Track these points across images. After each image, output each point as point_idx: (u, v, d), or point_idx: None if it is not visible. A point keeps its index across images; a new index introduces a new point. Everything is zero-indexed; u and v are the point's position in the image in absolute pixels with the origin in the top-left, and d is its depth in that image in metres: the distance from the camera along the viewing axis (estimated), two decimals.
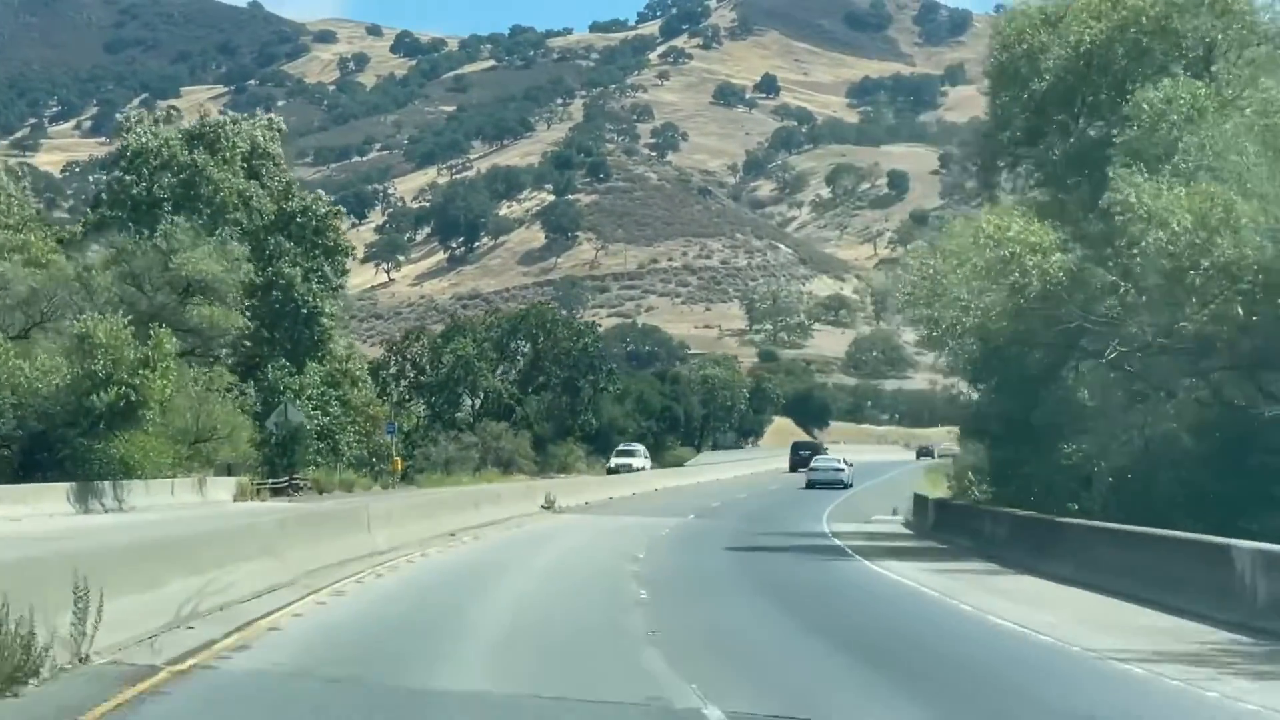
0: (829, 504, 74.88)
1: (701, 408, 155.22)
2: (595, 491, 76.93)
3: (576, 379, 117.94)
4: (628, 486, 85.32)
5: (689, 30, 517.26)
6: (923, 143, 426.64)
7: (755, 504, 75.94)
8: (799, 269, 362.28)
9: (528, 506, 62.16)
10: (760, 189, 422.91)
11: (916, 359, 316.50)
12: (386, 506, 43.26)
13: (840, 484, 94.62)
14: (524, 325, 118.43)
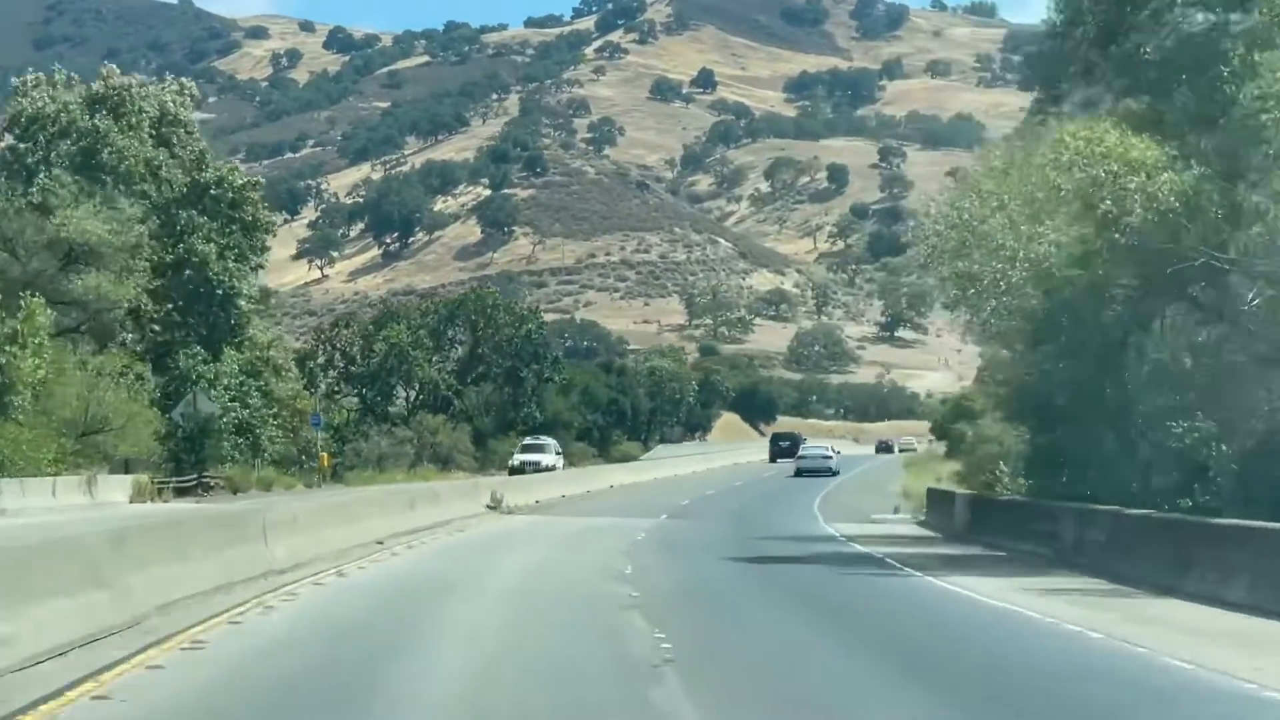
0: (812, 499, 65.32)
1: (649, 401, 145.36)
2: (545, 488, 66.93)
3: (519, 369, 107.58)
4: (579, 483, 75.40)
5: (625, 25, 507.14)
6: (862, 136, 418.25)
7: (731, 501, 66.34)
8: (739, 263, 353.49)
9: (471, 506, 52.16)
10: (698, 183, 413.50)
11: (858, 353, 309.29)
12: (291, 510, 32.88)
13: (829, 471, 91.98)
14: (462, 311, 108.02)
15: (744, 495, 72.63)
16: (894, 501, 61.59)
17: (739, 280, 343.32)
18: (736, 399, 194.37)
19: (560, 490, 68.56)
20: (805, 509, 58.35)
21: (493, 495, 54.83)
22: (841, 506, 60.41)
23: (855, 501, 64.22)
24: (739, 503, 64.63)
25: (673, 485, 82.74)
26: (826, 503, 63.49)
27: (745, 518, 52.88)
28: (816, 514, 54.93)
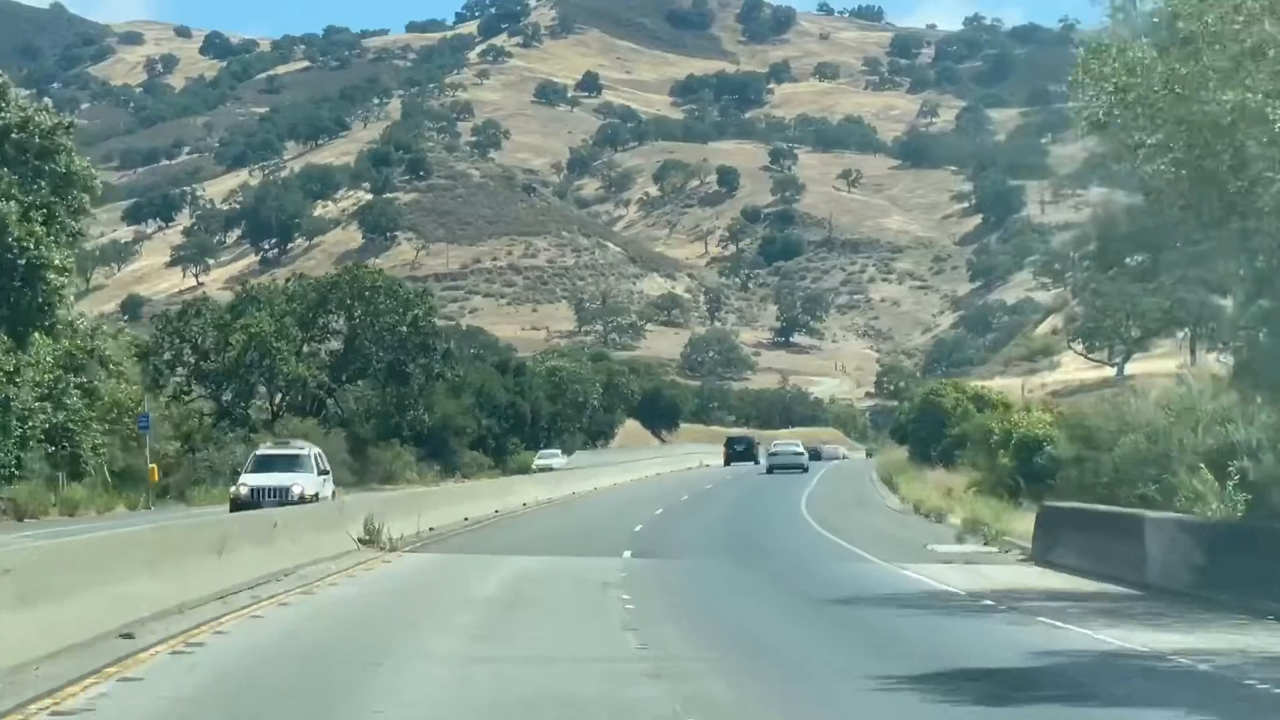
0: (813, 521, 47.30)
1: (550, 404, 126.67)
2: (440, 509, 48.04)
3: (404, 363, 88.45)
4: (482, 501, 56.49)
5: (508, 29, 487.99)
6: (752, 139, 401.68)
7: (709, 522, 48.30)
8: (629, 268, 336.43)
9: (333, 542, 33.57)
10: (586, 187, 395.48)
11: (754, 359, 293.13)
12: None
13: (800, 467, 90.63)
14: (336, 295, 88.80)
15: (719, 513, 54.94)
16: (901, 518, 43.84)
17: (629, 285, 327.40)
18: (638, 405, 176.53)
19: (460, 510, 49.94)
20: (821, 536, 40.37)
21: (367, 524, 36.15)
22: (867, 532, 42.75)
23: (869, 522, 46.40)
24: (726, 528, 46.61)
25: (612, 501, 65.58)
26: (840, 527, 45.41)
27: (759, 556, 34.76)
28: (857, 550, 37.05)
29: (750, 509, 58.09)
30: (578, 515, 55.80)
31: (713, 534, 43.95)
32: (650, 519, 50.82)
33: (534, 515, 56.12)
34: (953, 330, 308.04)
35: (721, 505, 61.56)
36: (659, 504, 60.06)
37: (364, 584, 28.44)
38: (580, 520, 52.35)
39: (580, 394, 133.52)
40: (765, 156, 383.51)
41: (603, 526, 47.56)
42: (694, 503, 63.38)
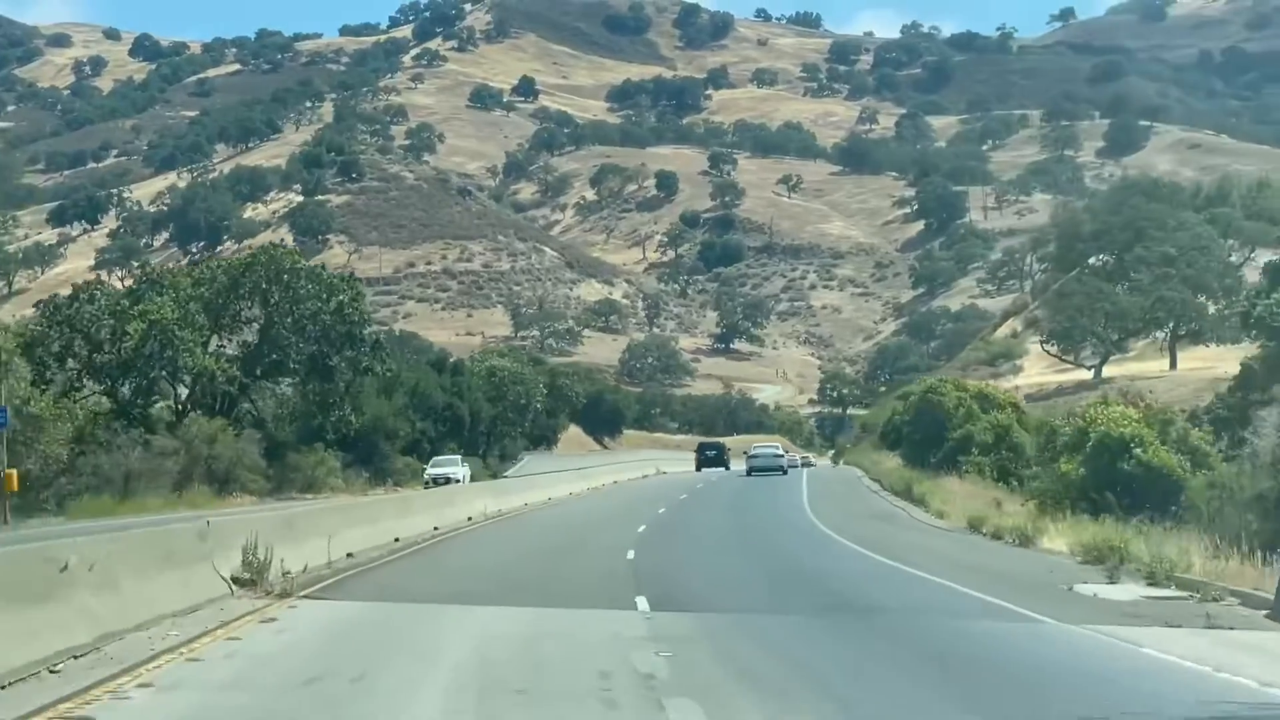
0: (856, 541, 35.49)
1: (490, 407, 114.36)
2: (363, 527, 35.71)
3: (327, 355, 75.82)
4: (420, 516, 44.19)
5: (443, 33, 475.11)
6: (690, 144, 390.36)
7: (726, 540, 36.56)
8: (566, 273, 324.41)
9: (178, 590, 20.76)
10: (522, 192, 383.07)
11: (693, 365, 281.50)
12: None
13: (780, 469, 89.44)
14: (250, 278, 76.09)
15: (722, 530, 43.45)
16: (964, 540, 32.22)
17: (566, 290, 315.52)
18: (583, 410, 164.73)
19: (390, 528, 37.77)
20: (892, 568, 28.55)
21: (248, 555, 23.78)
22: (944, 561, 31.29)
23: (930, 546, 34.87)
24: (749, 552, 35.04)
25: (576, 515, 54.06)
26: (899, 552, 33.78)
27: (835, 602, 22.79)
28: (985, 597, 25.09)
29: (757, 524, 46.54)
30: (540, 533, 44.04)
31: (737, 561, 32.55)
32: (638, 540, 38.90)
33: (483, 533, 44.14)
34: (895, 337, 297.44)
35: (716, 519, 50.05)
36: (637, 518, 48.32)
37: (210, 678, 16.12)
38: (546, 541, 40.47)
39: (522, 396, 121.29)
40: (704, 161, 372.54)
41: (579, 550, 35.81)
42: (679, 516, 51.68)
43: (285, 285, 75.06)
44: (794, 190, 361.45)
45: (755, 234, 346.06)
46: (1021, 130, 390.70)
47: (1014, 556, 33.55)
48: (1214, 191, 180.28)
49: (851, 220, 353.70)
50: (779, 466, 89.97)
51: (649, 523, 46.48)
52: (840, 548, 37.15)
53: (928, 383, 76.73)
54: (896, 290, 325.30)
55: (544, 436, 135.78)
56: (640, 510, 53.76)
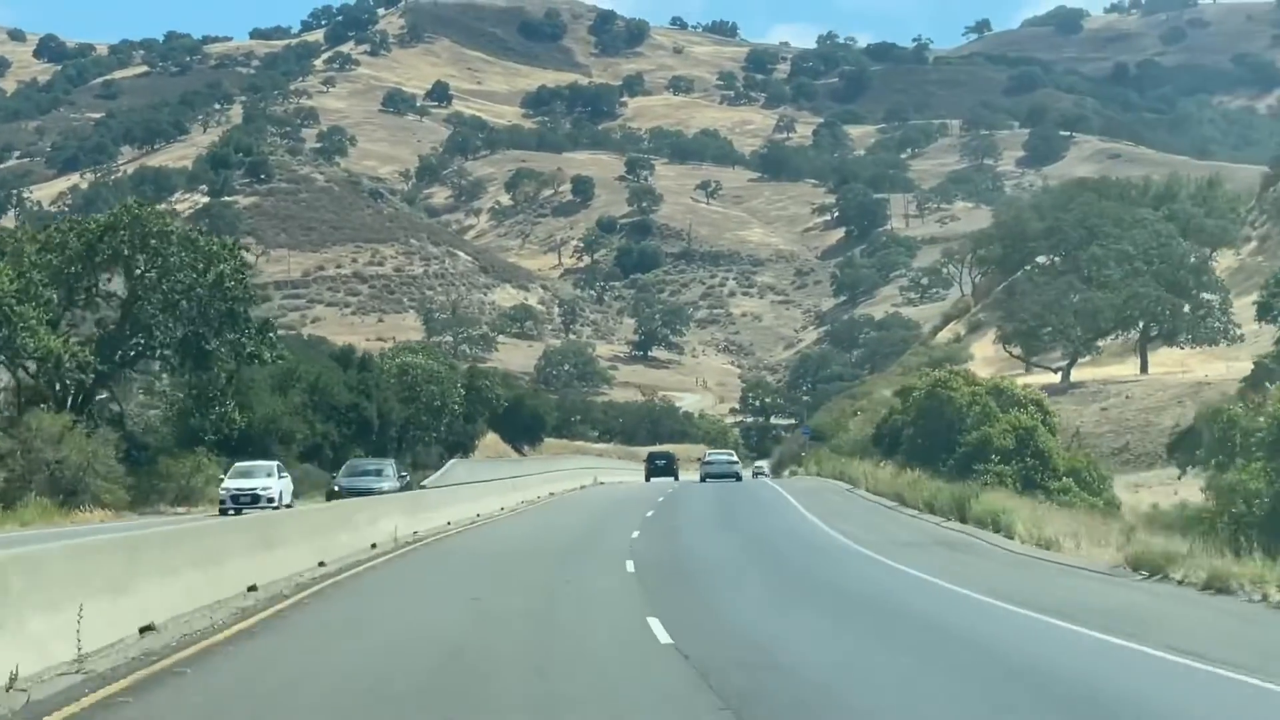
0: (992, 594, 21.06)
1: (402, 408, 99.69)
2: (201, 570, 20.99)
3: (204, 338, 60.76)
4: (295, 547, 28.99)
5: (355, 37, 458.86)
6: (606, 150, 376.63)
7: (767, 577, 22.52)
8: (480, 278, 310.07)
9: None
10: (435, 196, 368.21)
11: (611, 373, 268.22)
12: None
13: (735, 476, 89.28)
14: (110, 243, 61.05)
15: (764, 568, 29.52)
16: (1142, 588, 18.83)
17: (481, 295, 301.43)
18: (501, 416, 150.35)
19: (248, 570, 23.17)
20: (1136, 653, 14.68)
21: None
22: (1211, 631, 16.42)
23: (1118, 601, 20.62)
24: (829, 612, 20.87)
25: (520, 540, 40.11)
26: (1068, 605, 19.38)
27: None
28: None
29: (794, 557, 32.64)
30: (480, 572, 29.51)
31: (831, 627, 18.65)
32: (637, 585, 24.69)
33: (399, 577, 29.57)
34: (817, 346, 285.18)
35: (722, 545, 36.35)
36: (611, 547, 34.59)
37: None
38: (494, 586, 25.99)
39: (437, 397, 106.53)
40: (621, 167, 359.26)
41: (552, 622, 21.35)
42: (668, 543, 37.51)
43: (153, 252, 60.07)
44: (712, 196, 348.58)
45: (673, 240, 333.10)
46: (941, 139, 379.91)
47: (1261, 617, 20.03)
48: (1163, 190, 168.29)
49: (771, 227, 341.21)
50: (733, 473, 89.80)
51: (635, 555, 32.48)
52: (955, 599, 23.35)
53: (932, 376, 62.69)
54: (817, 298, 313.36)
55: (461, 443, 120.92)
56: (608, 532, 39.92)
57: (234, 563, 22.56)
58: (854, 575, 29.54)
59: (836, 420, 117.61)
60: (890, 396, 78.37)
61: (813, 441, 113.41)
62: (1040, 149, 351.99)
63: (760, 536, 39.88)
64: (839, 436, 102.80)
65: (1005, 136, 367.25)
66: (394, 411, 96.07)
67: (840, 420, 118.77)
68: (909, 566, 30.30)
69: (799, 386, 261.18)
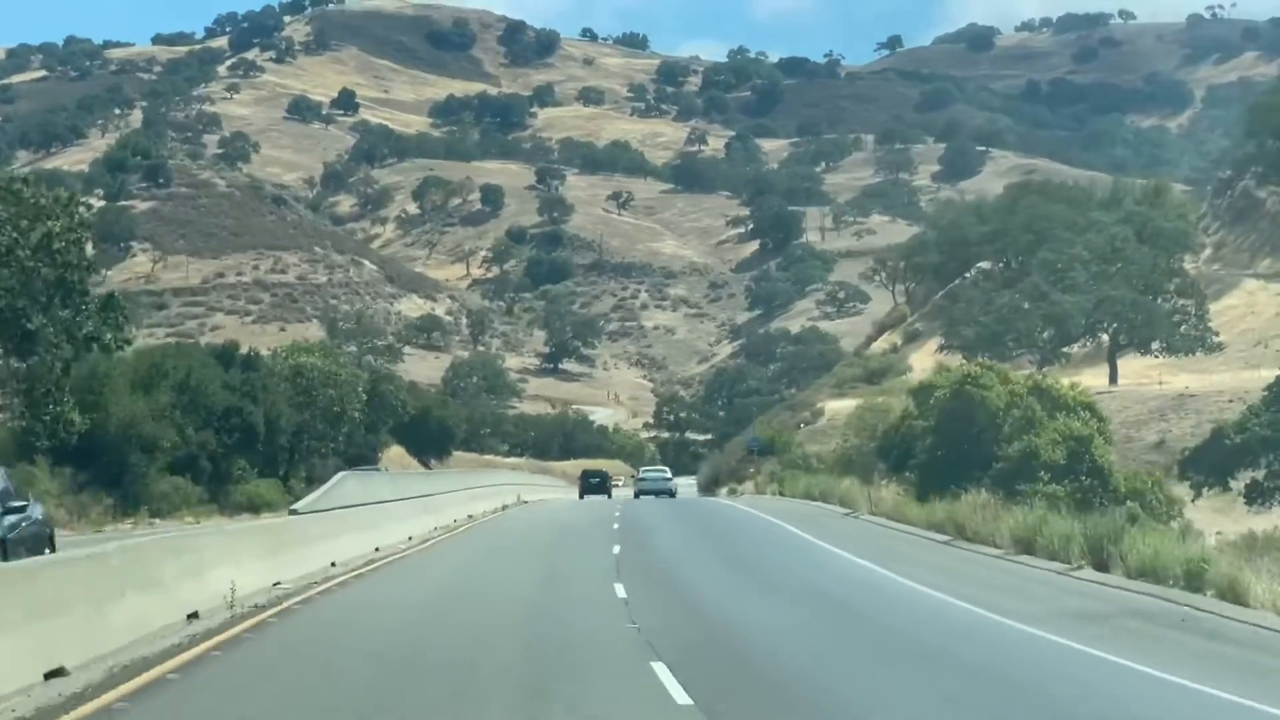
0: None
1: (294, 414, 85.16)
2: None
3: (25, 314, 45.66)
4: (114, 605, 14.84)
5: (261, 44, 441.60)
6: (516, 159, 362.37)
7: None
8: (385, 287, 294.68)
9: None
10: (341, 204, 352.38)
11: (520, 385, 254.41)
12: None
13: (668, 492, 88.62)
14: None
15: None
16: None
17: (386, 305, 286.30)
18: (406, 426, 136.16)
19: (44, 640, 9.33)
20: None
21: None
22: None
23: None
24: None
25: (440, 595, 25.91)
26: None
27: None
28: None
29: (932, 644, 18.62)
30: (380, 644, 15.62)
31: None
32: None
33: (278, 662, 15.41)
34: (733, 360, 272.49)
35: (799, 621, 22.30)
36: (606, 628, 20.35)
37: None
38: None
39: (336, 402, 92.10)
40: (531, 176, 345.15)
41: None
42: (708, 625, 22.85)
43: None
44: (624, 207, 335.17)
45: (584, 251, 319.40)
46: (855, 153, 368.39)
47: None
48: (1106, 196, 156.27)
49: (684, 239, 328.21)
50: (667, 489, 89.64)
51: (651, 639, 18.63)
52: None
53: (959, 372, 48.65)
54: (732, 311, 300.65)
55: (362, 455, 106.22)
56: (576, 585, 26.11)
57: (49, 621, 9.97)
58: (1092, 693, 16.10)
59: (777, 433, 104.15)
60: (883, 402, 64.75)
61: (758, 456, 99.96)
62: (956, 163, 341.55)
63: (827, 595, 26.24)
64: (791, 451, 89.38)
65: (921, 151, 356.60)
66: (284, 417, 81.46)
67: (782, 434, 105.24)
68: (1154, 668, 16.84)
69: (714, 401, 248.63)
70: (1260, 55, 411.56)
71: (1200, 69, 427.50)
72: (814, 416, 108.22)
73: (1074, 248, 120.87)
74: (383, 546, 36.32)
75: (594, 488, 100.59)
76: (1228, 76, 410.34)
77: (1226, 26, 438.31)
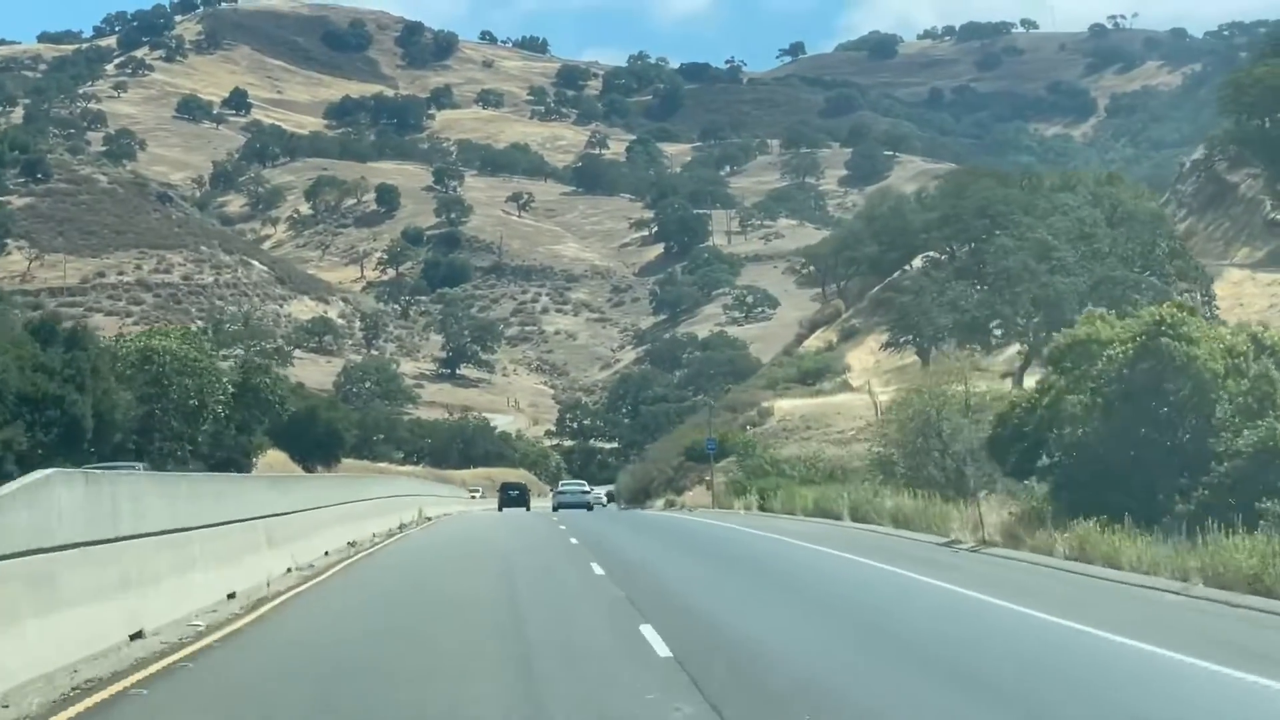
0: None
1: (139, 405, 65.75)
2: None
3: None
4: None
5: (151, 43, 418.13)
6: (414, 160, 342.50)
7: None
8: (276, 289, 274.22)
9: None
10: (231, 204, 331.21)
11: (416, 391, 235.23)
12: None
13: (587, 505, 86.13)
14: None
15: None
16: None
17: (276, 307, 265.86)
18: (287, 429, 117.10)
19: None
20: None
21: None
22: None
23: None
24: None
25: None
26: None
27: None
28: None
29: None
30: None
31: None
32: None
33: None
34: (637, 366, 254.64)
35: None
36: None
37: None
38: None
39: (194, 394, 72.72)
40: (428, 177, 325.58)
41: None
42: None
43: None
44: (524, 209, 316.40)
45: (483, 253, 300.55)
46: (760, 157, 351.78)
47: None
48: (1059, 183, 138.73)
49: (586, 242, 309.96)
50: (585, 503, 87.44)
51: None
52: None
53: (1150, 313, 29.61)
54: (635, 316, 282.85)
55: (231, 459, 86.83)
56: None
57: None
58: None
59: (724, 436, 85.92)
60: (943, 391, 46.21)
61: (712, 462, 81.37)
62: (864, 167, 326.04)
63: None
64: (754, 455, 71.10)
65: (827, 155, 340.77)
66: (120, 409, 61.88)
67: (728, 436, 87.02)
68: None
69: (618, 409, 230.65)
70: (1162, 65, 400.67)
71: (1103, 78, 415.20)
72: (761, 417, 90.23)
73: (1036, 232, 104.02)
74: (171, 624, 17.66)
75: (513, 500, 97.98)
76: (1131, 86, 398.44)
77: (1128, 36, 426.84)
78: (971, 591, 22.81)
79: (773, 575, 27.59)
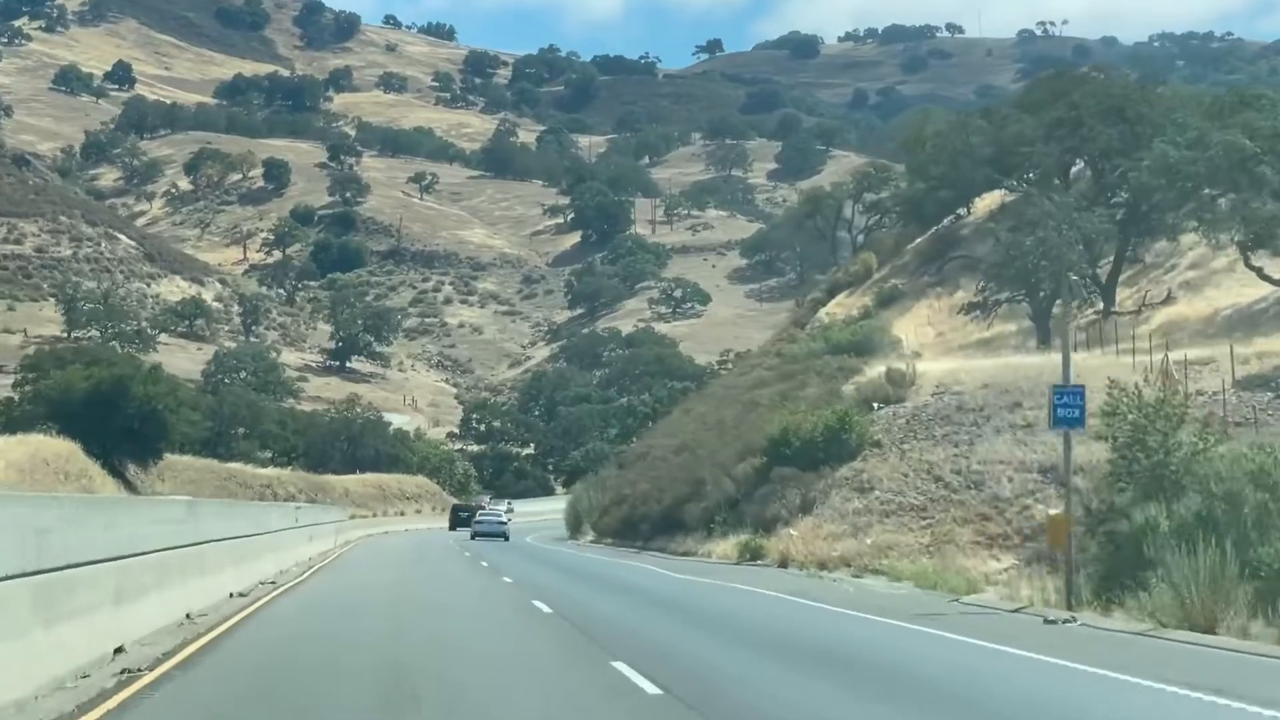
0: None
1: None
2: None
3: None
4: None
5: (30, 12, 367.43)
6: (307, 138, 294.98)
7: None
8: (143, 266, 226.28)
9: None
10: (104, 177, 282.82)
11: (299, 384, 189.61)
12: None
13: (502, 535, 79.73)
14: None
15: None
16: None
17: (143, 286, 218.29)
18: (77, 405, 69.87)
19: None
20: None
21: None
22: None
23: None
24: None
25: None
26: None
27: None
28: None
29: None
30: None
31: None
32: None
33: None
34: (552, 363, 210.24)
35: None
36: None
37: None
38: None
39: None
40: (323, 154, 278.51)
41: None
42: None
43: None
44: (427, 191, 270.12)
45: (380, 236, 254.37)
46: (683, 147, 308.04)
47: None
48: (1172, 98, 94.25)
49: (495, 228, 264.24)
50: (501, 533, 79.50)
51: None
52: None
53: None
54: (549, 309, 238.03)
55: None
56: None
57: None
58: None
59: (839, 419, 41.22)
60: None
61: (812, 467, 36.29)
62: (795, 160, 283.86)
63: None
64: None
65: (755, 148, 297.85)
66: None
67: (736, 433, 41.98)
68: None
69: (530, 410, 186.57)
70: (1094, 72, 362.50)
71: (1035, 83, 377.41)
72: (894, 385, 45.39)
73: (1229, 132, 60.74)
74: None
75: (463, 520, 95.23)
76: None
77: (1058, 44, 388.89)
78: None
79: None
